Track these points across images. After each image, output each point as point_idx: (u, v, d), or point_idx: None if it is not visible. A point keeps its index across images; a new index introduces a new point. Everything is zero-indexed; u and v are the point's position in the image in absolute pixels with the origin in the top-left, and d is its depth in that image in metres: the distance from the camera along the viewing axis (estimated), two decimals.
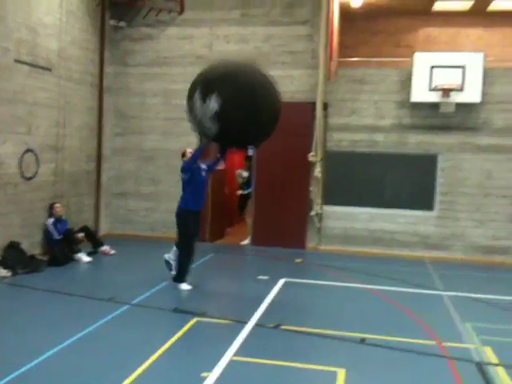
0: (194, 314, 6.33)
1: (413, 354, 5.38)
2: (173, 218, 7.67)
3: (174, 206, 7.77)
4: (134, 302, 6.78)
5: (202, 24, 11.37)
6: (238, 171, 12.30)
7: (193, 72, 11.10)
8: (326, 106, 10.87)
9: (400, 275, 8.91)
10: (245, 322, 6.07)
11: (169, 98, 11.48)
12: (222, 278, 8.76)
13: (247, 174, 11.90)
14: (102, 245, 9.72)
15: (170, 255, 7.72)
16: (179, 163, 7.96)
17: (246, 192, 11.78)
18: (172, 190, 10.95)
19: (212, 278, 8.54)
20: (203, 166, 7.50)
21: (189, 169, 7.32)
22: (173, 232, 11.04)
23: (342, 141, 10.98)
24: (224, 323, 6.16)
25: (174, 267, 7.63)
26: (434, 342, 5.77)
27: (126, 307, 6.57)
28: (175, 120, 11.43)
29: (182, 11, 11.43)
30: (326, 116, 10.91)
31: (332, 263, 9.68)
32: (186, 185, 7.41)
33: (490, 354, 5.46)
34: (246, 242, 11.30)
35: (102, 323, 5.93)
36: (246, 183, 11.83)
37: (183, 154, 7.82)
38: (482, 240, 10.46)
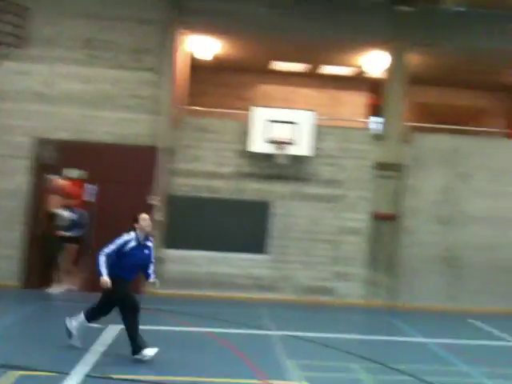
0: (13, 367, 5.85)
1: None
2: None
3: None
4: None
5: (42, 60, 11.02)
6: (58, 211, 10.63)
7: (29, 109, 10.84)
8: (170, 152, 11.11)
9: (235, 317, 9.21)
10: (70, 373, 5.77)
11: (1, 133, 10.77)
12: (48, 327, 8.19)
13: (69, 214, 10.63)
14: None
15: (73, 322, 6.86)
16: (13, 203, 7.39)
17: (71, 235, 10.61)
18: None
19: (37, 328, 7.97)
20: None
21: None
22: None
23: (184, 186, 11.25)
24: (47, 376, 5.78)
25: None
26: (260, 382, 6.04)
27: None
28: (6, 157, 10.73)
29: (21, 46, 10.94)
30: (170, 161, 11.13)
31: (170, 307, 9.67)
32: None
33: None
34: (61, 289, 10.43)
35: None
36: (73, 225, 10.61)
37: (135, 219, 6.70)
38: (308, 281, 11.33)
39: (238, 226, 11.20)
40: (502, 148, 12.02)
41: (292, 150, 11.13)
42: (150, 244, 6.88)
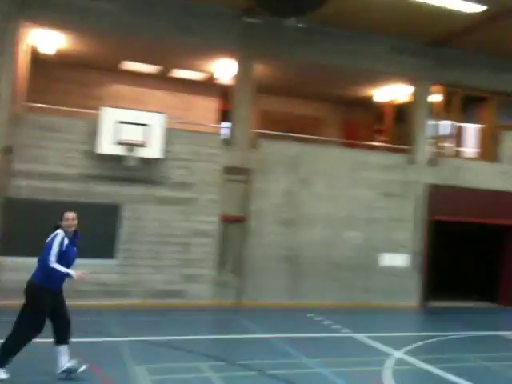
0: None
1: None
2: None
3: None
4: None
5: None
6: None
7: None
8: (8, 151, 10.30)
9: (81, 326, 8.76)
10: None
11: None
12: None
13: None
14: None
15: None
16: None
17: None
18: None
19: None
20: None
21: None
22: None
23: (24, 188, 10.51)
24: None
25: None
26: None
27: None
28: None
29: None
30: (7, 161, 10.31)
31: (6, 319, 8.96)
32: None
33: None
34: None
35: None
36: None
37: (61, 218, 6.47)
38: (159, 285, 11.32)
39: (86, 230, 10.56)
40: (337, 156, 13.20)
41: (142, 153, 11.01)
42: (76, 240, 6.53)
